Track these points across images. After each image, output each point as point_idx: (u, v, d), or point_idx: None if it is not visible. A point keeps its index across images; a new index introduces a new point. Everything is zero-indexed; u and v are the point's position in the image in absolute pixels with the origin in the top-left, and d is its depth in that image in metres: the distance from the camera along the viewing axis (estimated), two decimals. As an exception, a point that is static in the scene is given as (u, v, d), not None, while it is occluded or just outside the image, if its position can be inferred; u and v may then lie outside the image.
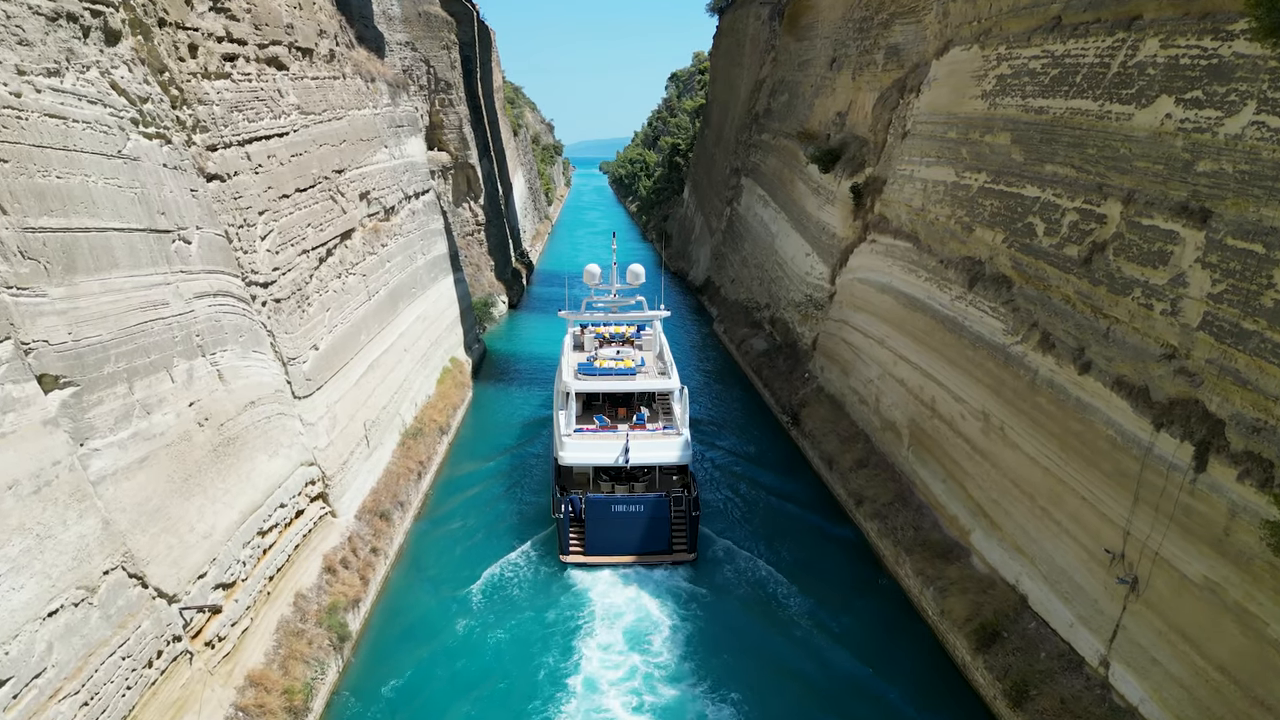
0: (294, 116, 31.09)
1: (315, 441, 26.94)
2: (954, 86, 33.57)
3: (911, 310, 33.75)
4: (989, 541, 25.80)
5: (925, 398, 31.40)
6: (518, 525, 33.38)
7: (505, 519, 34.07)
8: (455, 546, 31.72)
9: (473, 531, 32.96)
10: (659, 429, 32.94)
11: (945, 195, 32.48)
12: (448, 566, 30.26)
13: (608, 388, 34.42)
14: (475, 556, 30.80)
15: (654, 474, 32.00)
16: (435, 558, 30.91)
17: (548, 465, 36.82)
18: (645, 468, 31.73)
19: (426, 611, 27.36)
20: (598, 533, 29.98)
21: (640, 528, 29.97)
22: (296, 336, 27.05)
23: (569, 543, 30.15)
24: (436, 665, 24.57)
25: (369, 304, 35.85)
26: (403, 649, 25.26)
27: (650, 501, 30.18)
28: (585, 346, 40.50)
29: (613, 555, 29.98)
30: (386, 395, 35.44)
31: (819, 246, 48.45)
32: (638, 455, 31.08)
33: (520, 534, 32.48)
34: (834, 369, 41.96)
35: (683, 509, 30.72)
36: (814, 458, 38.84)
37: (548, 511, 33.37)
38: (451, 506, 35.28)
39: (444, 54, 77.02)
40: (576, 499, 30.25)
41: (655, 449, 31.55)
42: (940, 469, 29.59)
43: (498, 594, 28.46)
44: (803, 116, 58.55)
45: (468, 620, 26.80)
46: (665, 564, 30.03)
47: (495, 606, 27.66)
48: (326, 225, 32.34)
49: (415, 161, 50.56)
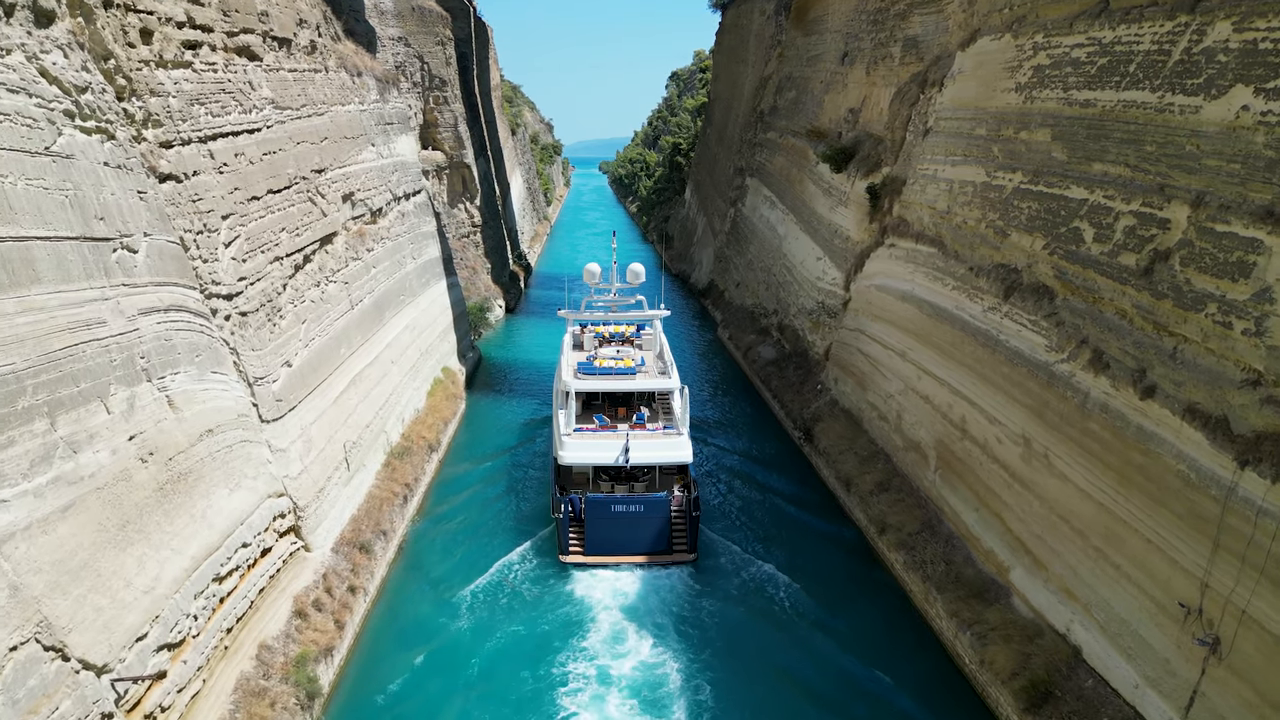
0: (267, 111, 28.56)
1: (286, 469, 24.39)
2: (982, 79, 31.04)
3: (937, 321, 31.21)
4: (1032, 582, 23.25)
5: (954, 417, 28.86)
6: (516, 525, 32.95)
7: (503, 522, 33.59)
8: (454, 547, 31.11)
9: (471, 531, 32.59)
10: (659, 428, 32.56)
11: (974, 197, 29.95)
12: (445, 567, 29.88)
13: (608, 387, 34.09)
14: (473, 557, 30.45)
15: (654, 474, 31.79)
16: (433, 558, 30.28)
17: (546, 468, 36.16)
18: (645, 467, 31.49)
19: (423, 612, 27.09)
20: (597, 533, 29.63)
21: (640, 528, 29.68)
22: (266, 353, 24.50)
23: (568, 543, 29.80)
24: (433, 666, 24.26)
25: (352, 314, 33.31)
26: (399, 650, 24.94)
27: (650, 501, 29.86)
28: (585, 346, 39.93)
29: (612, 555, 29.65)
30: (370, 412, 32.89)
31: (831, 250, 45.93)
32: (638, 455, 30.73)
33: (519, 534, 32.07)
34: (849, 381, 39.42)
35: (683, 509, 30.36)
36: (829, 477, 36.28)
37: (547, 512, 33.04)
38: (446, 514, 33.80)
39: (439, 50, 74.51)
40: (576, 499, 29.91)
41: (655, 449, 31.21)
42: (972, 497, 27.04)
43: (496, 595, 28.10)
44: (812, 114, 56.00)
45: (465, 621, 26.53)
46: (665, 564, 29.67)
47: (494, 607, 27.30)
48: (304, 229, 29.82)
49: (406, 161, 48.04)
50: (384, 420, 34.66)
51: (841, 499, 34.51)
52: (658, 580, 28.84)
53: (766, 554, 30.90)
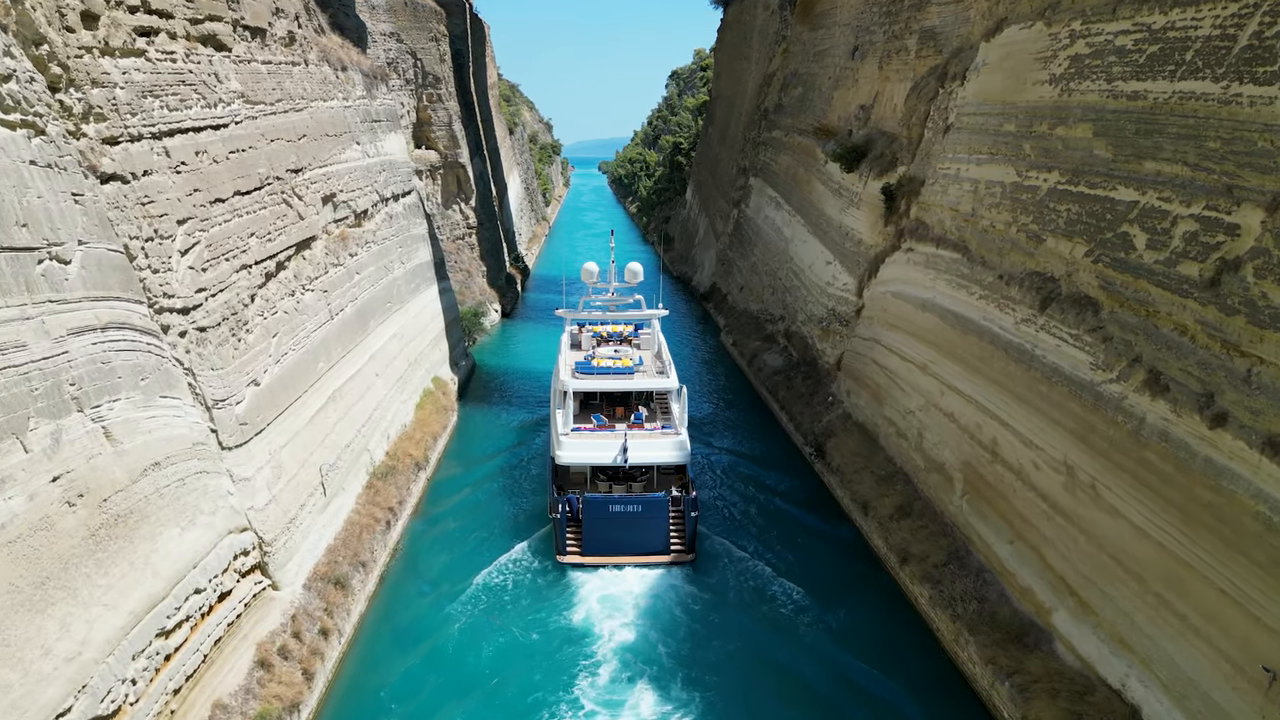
0: (236, 106, 26.25)
1: (250, 501, 22.06)
2: (1011, 71, 28.74)
3: (962, 333, 28.90)
4: (1079, 628, 20.91)
5: (983, 438, 26.54)
6: (513, 527, 32.46)
7: (500, 523, 33.13)
8: (450, 548, 30.40)
9: (468, 533, 32.06)
10: (657, 428, 32.28)
11: (1003, 198, 27.65)
12: (442, 568, 29.50)
13: (605, 386, 33.85)
14: (470, 558, 30.00)
15: (652, 474, 31.60)
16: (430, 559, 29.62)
17: (540, 490, 35.68)
18: (643, 467, 31.28)
19: (419, 613, 26.69)
20: (595, 533, 29.32)
21: (638, 528, 29.39)
22: (228, 372, 22.17)
23: (566, 543, 29.47)
24: (430, 668, 23.88)
25: (331, 324, 30.99)
26: (395, 652, 24.57)
27: (648, 501, 29.61)
28: (583, 345, 39.54)
29: (610, 556, 29.32)
30: (350, 431, 30.56)
31: (842, 254, 43.62)
32: (636, 455, 30.53)
33: (516, 535, 31.65)
34: (863, 394, 37.09)
35: (681, 509, 30.03)
36: (844, 498, 33.95)
37: (543, 514, 32.60)
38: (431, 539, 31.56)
39: (432, 46, 72.23)
40: (574, 499, 29.66)
41: (654, 448, 31.03)
42: (1006, 527, 24.71)
43: (493, 596, 27.68)
44: (819, 111, 53.68)
45: (461, 622, 26.09)
46: (663, 565, 29.33)
47: (490, 608, 26.91)
48: (277, 234, 27.50)
49: (395, 160, 45.72)
50: (367, 438, 32.32)
51: (858, 523, 32.16)
52: (655, 580, 28.45)
53: (769, 557, 30.42)
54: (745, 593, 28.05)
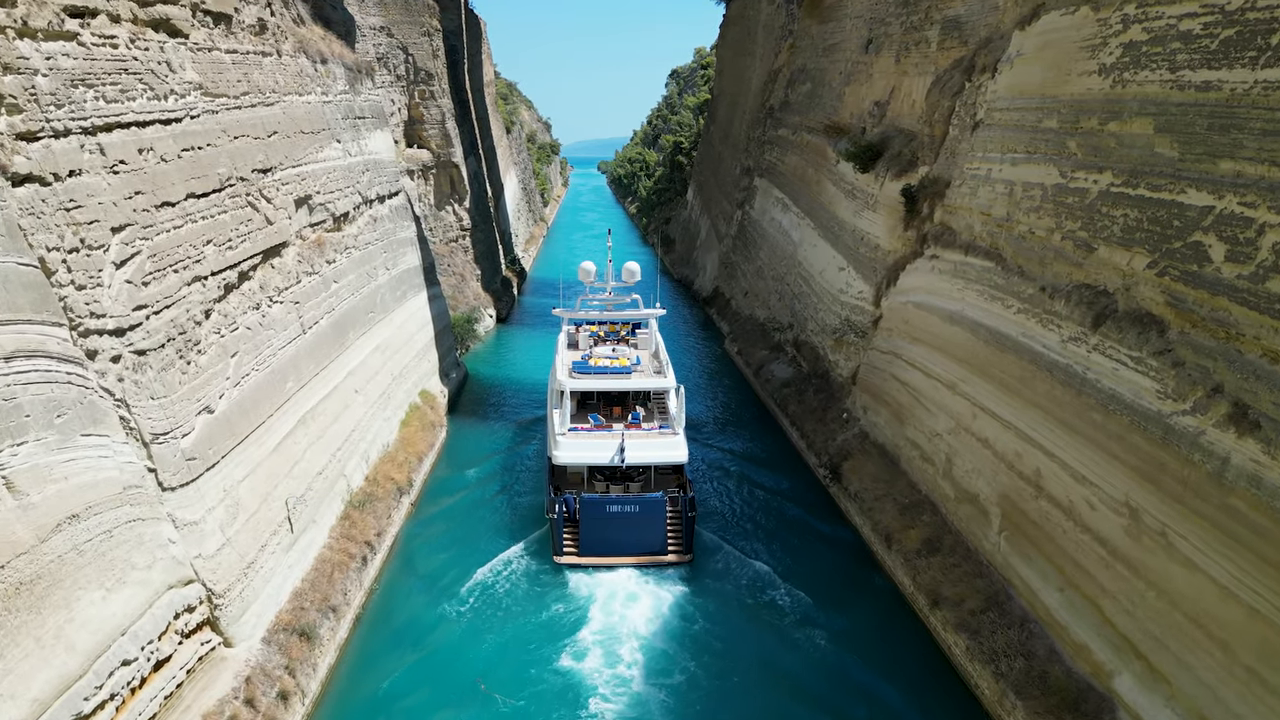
0: (192, 98, 23.55)
1: (198, 547, 19.34)
2: (1051, 62, 26.03)
3: (998, 350, 26.20)
4: (1149, 698, 18.20)
5: (1025, 469, 23.83)
6: (510, 526, 32.27)
7: (498, 520, 33.03)
8: (429, 584, 29.00)
9: (463, 533, 31.87)
10: (655, 428, 32.24)
11: (1044, 201, 24.96)
12: (437, 567, 29.20)
13: (603, 386, 33.74)
14: (466, 558, 29.76)
15: (649, 474, 31.61)
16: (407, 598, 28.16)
17: (541, 469, 35.68)
18: (641, 467, 31.28)
19: (415, 614, 26.39)
20: (592, 533, 29.24)
21: (635, 528, 29.34)
22: (173, 400, 19.46)
23: (563, 544, 29.48)
24: (425, 669, 23.62)
25: (303, 339, 28.27)
26: (390, 654, 24.29)
27: (646, 502, 29.59)
28: (580, 344, 39.25)
29: (607, 556, 29.25)
30: (324, 456, 27.85)
31: (856, 260, 40.92)
32: (633, 455, 30.40)
33: (512, 535, 31.44)
34: (882, 412, 34.40)
35: (678, 509, 29.95)
36: (864, 527, 31.24)
37: (541, 512, 32.40)
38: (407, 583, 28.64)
39: (425, 41, 69.51)
40: (571, 499, 29.66)
41: (651, 448, 30.93)
42: (1054, 572, 22.01)
43: (489, 596, 27.45)
44: (830, 108, 51.00)
45: (457, 623, 25.89)
46: (661, 565, 29.24)
47: (486, 609, 26.67)
48: (240, 241, 24.79)
49: (380, 159, 43.00)
50: (343, 462, 29.60)
51: (880, 556, 29.46)
52: (653, 581, 28.30)
53: (765, 555, 30.32)
54: (742, 591, 27.96)
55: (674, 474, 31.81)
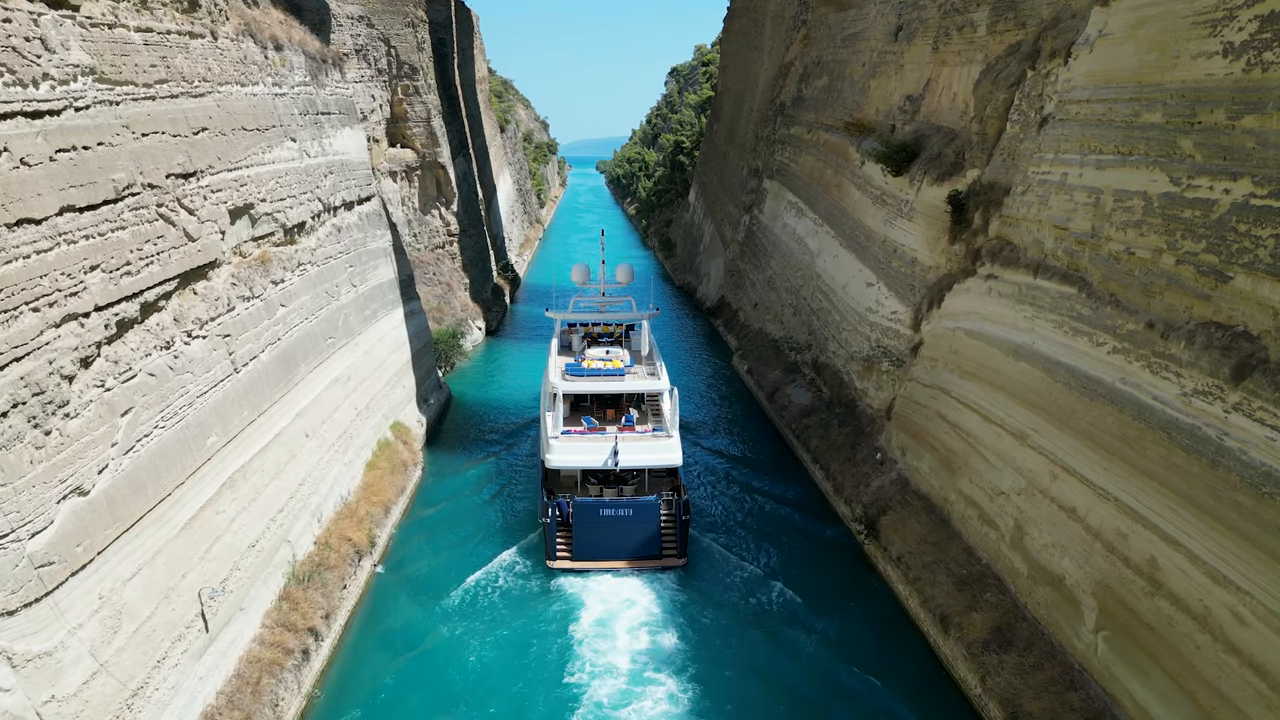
0: (79, 85, 18.59)
1: (50, 688, 14.30)
2: (1152, 41, 21.07)
3: (1085, 398, 21.23)
4: None
5: (1134, 555, 18.86)
6: (502, 534, 31.78)
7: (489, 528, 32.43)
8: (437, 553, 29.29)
9: (456, 539, 31.39)
10: (649, 431, 31.78)
11: (1148, 215, 20.01)
12: (429, 573, 28.62)
13: (596, 389, 33.31)
14: (458, 563, 29.37)
15: (643, 477, 31.40)
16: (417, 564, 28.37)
17: (534, 470, 35.32)
18: (635, 471, 31.05)
19: (407, 620, 25.96)
20: (586, 537, 28.97)
21: (629, 532, 29.10)
22: (16, 490, 14.42)
23: (556, 548, 29.19)
24: (417, 676, 23.21)
25: (235, 380, 23.27)
26: (381, 659, 23.91)
27: (640, 505, 29.38)
28: (573, 346, 38.44)
29: (601, 560, 29.02)
30: (259, 524, 22.85)
31: (888, 275, 35.97)
32: (627, 458, 30.06)
33: (505, 541, 31.06)
34: (926, 457, 29.44)
35: (672, 513, 29.75)
36: (910, 600, 26.24)
37: (534, 516, 32.13)
38: None
39: (409, 33, 64.53)
40: (564, 503, 29.32)
41: (645, 451, 30.55)
42: (1183, 698, 17.04)
43: (481, 602, 27.06)
44: (851, 104, 46.06)
45: (449, 629, 25.52)
46: (655, 569, 29.02)
47: (479, 615, 26.33)
48: (143, 264, 19.79)
49: (349, 160, 38.03)
50: (287, 526, 24.61)
51: (935, 642, 24.42)
52: (647, 585, 28.07)
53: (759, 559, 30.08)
54: (736, 595, 27.76)
55: (668, 477, 31.48)
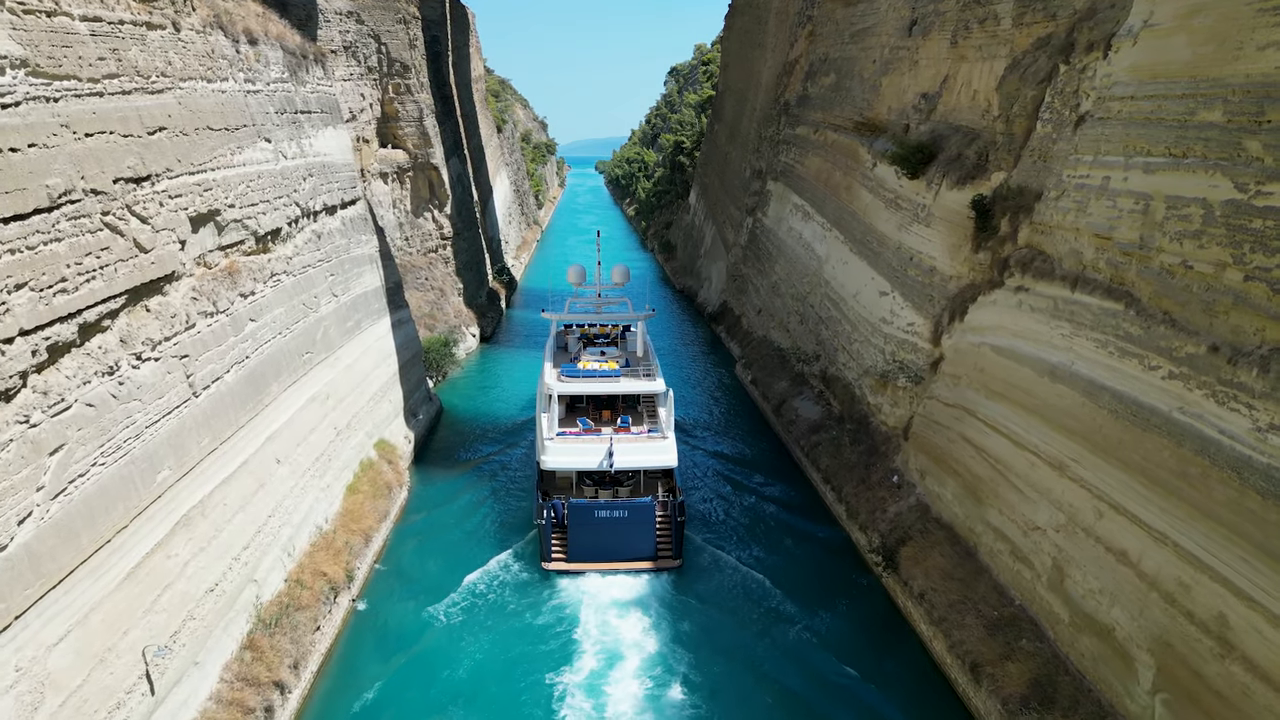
0: (5, 79, 16.43)
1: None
2: (1209, 32, 18.93)
3: (1136, 427, 19.08)
4: None
5: (1198, 609, 16.71)
6: (497, 536, 31.57)
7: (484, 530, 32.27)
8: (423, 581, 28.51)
9: (451, 539, 31.36)
10: (644, 432, 31.64)
11: (1207, 224, 17.88)
12: (413, 606, 27.35)
13: (592, 390, 33.10)
14: (454, 565, 29.24)
15: (639, 478, 31.37)
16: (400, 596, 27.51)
17: (530, 471, 35.23)
18: (630, 472, 30.96)
19: (402, 622, 25.89)
20: (581, 539, 28.84)
21: (625, 533, 28.92)
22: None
23: (551, 549, 29.00)
24: (412, 677, 23.18)
25: (193, 406, 21.11)
26: (377, 661, 23.82)
27: (635, 507, 29.20)
28: (569, 347, 38.23)
29: (596, 562, 28.84)
30: (219, 565, 20.69)
31: (903, 284, 33.83)
32: (622, 459, 29.99)
33: (500, 543, 30.88)
34: (949, 482, 27.31)
35: (668, 514, 29.68)
36: (934, 642, 24.10)
37: (529, 518, 31.95)
38: None
39: (400, 30, 62.38)
40: (559, 504, 29.14)
41: (640, 452, 30.48)
42: (1262, 780, 14.92)
43: (477, 604, 27.02)
44: (862, 102, 43.94)
45: (445, 631, 25.50)
46: (650, 570, 28.86)
47: (474, 617, 26.29)
48: (83, 280, 17.67)
49: (331, 162, 35.89)
50: (253, 565, 22.45)
51: (964, 693, 22.24)
52: (642, 586, 28.03)
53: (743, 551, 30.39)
54: (731, 595, 27.69)
55: (664, 478, 31.42)
